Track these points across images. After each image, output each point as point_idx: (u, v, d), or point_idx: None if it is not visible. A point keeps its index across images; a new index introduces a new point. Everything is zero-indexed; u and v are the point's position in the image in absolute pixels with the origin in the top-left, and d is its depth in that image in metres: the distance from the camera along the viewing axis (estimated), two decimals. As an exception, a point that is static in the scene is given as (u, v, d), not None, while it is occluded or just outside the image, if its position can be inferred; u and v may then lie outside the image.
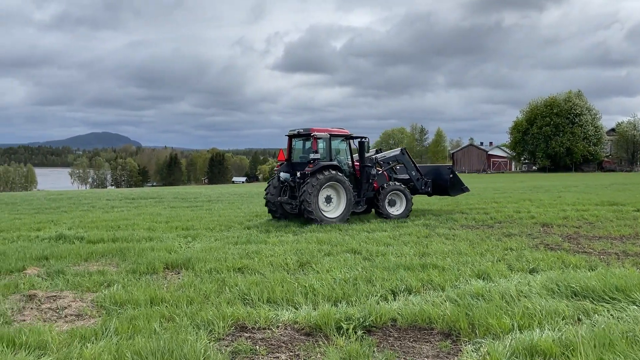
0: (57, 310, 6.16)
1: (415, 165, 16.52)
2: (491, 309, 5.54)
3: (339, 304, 6.05)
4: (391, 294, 6.46)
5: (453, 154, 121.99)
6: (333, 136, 14.58)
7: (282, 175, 14.54)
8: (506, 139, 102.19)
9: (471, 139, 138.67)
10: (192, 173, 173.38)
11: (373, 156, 15.62)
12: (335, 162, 14.25)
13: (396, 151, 16.79)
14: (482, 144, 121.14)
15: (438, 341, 5.09)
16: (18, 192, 45.63)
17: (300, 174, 13.94)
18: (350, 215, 14.46)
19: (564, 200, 20.90)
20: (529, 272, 7.58)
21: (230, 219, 15.42)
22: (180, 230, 13.11)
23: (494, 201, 21.06)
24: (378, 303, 5.99)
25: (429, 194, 16.85)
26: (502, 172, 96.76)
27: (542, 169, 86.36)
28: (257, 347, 4.90)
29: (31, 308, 6.27)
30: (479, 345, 4.80)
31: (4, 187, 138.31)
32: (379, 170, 15.52)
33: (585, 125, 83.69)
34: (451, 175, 16.47)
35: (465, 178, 21.10)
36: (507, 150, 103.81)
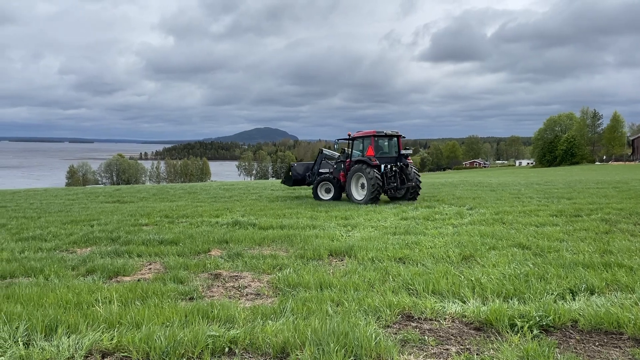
0: (239, 289, 6.83)
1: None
2: (697, 316, 4.82)
3: (509, 300, 5.76)
4: (569, 294, 5.95)
5: (633, 140, 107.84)
6: None
7: (382, 167, 18.16)
8: None
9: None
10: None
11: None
12: None
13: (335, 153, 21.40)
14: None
15: (629, 347, 4.57)
16: (197, 183, 51.47)
17: (403, 164, 18.59)
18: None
19: None
20: None
21: (383, 209, 15.55)
22: (340, 219, 13.59)
23: (691, 194, 18.16)
24: (555, 302, 5.57)
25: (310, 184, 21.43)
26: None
27: None
28: (426, 337, 4.88)
29: (217, 286, 7.04)
30: (683, 357, 4.21)
31: (184, 179, 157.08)
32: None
33: None
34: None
35: (652, 167, 18.33)
36: None
